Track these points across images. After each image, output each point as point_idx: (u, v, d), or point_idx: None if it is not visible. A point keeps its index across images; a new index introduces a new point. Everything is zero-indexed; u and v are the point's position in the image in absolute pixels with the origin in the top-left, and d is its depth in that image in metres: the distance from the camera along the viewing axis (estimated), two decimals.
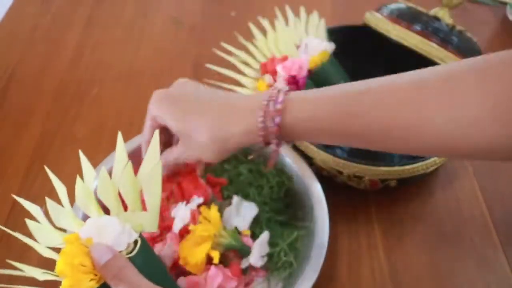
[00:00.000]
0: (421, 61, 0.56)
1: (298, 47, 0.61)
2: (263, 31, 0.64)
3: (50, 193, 0.33)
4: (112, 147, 0.48)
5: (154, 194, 0.33)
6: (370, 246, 0.54)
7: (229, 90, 0.59)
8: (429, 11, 0.60)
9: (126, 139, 0.35)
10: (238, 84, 0.60)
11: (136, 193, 0.33)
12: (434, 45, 0.56)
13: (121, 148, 0.33)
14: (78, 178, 0.33)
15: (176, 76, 0.75)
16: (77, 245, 0.30)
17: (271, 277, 0.49)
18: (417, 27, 0.57)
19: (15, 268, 0.32)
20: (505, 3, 0.89)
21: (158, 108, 0.42)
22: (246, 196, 0.52)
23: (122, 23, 0.85)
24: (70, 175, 0.33)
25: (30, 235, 0.33)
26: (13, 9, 0.87)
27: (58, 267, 0.29)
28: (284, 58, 0.58)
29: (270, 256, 0.49)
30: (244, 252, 0.48)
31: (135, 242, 0.32)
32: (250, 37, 0.64)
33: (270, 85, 0.57)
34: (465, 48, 0.57)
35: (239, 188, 0.53)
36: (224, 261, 0.47)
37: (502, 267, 0.53)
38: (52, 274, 0.30)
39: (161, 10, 0.88)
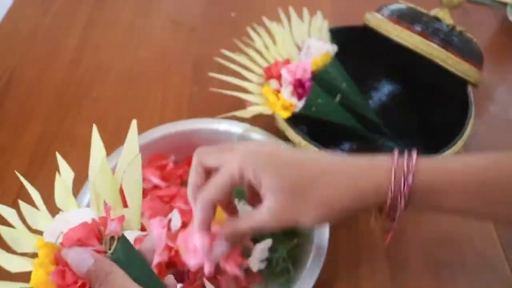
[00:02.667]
0: (422, 62, 0.56)
1: (300, 49, 0.61)
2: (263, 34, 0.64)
3: (50, 193, 0.33)
4: (111, 147, 0.49)
5: (135, 191, 0.31)
6: (370, 247, 0.54)
7: (235, 97, 0.57)
8: (429, 11, 0.60)
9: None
10: (242, 90, 0.58)
11: (115, 191, 0.31)
12: (435, 45, 0.56)
13: (97, 141, 0.32)
14: (57, 175, 0.32)
15: (176, 77, 0.73)
16: (49, 251, 0.27)
17: (269, 283, 0.49)
18: (418, 28, 0.57)
19: None
20: (505, 4, 0.89)
21: (251, 160, 0.35)
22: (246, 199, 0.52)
23: (122, 24, 0.85)
24: None
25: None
26: (13, 10, 0.87)
27: (33, 280, 0.26)
28: (287, 62, 0.58)
29: (268, 261, 0.49)
30: (244, 253, 0.48)
31: (114, 238, 0.29)
32: (250, 38, 0.64)
33: (277, 91, 0.56)
34: (465, 49, 0.57)
35: (239, 192, 0.52)
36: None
37: (502, 267, 0.53)
38: None
39: (161, 11, 0.88)
